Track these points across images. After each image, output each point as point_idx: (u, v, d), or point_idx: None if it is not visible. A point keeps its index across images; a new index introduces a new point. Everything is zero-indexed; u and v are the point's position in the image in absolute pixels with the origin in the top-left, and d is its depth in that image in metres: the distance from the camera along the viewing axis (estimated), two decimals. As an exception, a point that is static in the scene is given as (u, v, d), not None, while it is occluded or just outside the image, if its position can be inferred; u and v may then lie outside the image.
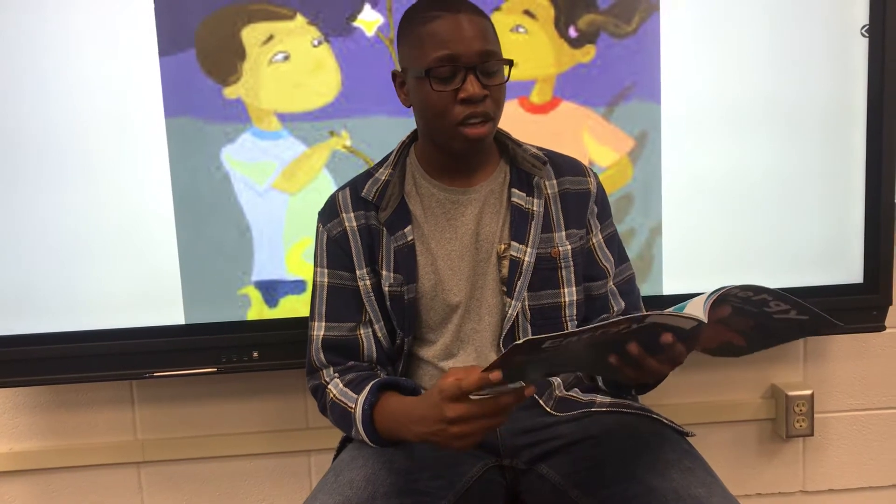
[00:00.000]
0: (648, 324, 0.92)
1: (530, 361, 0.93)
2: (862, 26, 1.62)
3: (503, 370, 0.90)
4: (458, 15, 1.11)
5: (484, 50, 1.12)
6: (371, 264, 1.23)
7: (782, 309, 0.95)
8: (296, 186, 1.59)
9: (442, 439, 0.98)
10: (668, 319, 0.92)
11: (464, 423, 0.96)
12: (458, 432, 0.96)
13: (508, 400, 0.94)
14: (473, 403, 0.95)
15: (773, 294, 0.92)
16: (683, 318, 0.91)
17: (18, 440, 1.76)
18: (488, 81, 1.13)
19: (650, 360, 0.97)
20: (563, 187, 1.27)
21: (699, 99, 1.62)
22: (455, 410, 0.95)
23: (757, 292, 0.93)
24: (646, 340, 0.95)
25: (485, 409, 0.95)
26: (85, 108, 1.54)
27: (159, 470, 1.79)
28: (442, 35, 1.11)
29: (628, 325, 0.91)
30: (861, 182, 1.66)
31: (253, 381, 1.75)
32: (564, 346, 0.90)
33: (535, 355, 0.90)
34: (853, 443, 1.90)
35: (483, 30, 1.13)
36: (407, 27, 1.17)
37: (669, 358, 0.98)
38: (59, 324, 1.59)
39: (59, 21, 1.51)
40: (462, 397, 0.95)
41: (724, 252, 1.67)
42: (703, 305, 0.90)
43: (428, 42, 1.12)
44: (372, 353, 1.24)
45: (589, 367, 1.17)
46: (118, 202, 1.57)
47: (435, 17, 1.12)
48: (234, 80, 1.55)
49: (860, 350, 1.86)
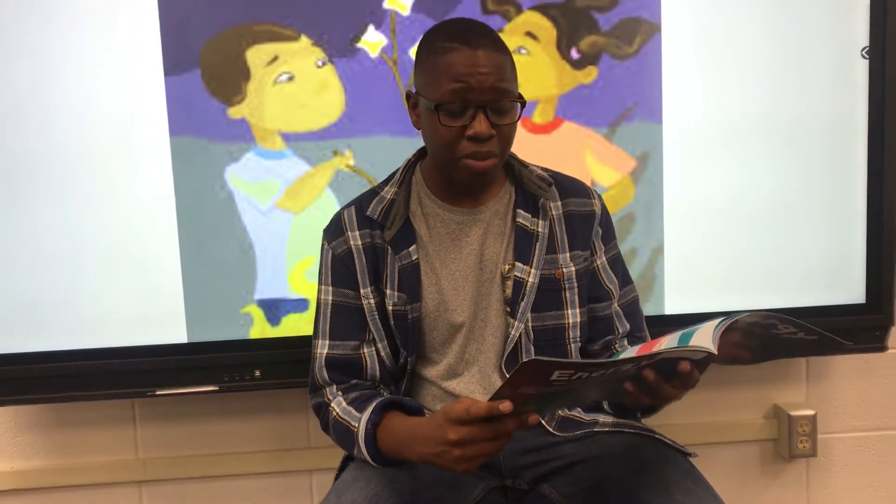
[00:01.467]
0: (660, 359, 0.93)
1: (540, 395, 0.93)
2: (862, 48, 1.63)
3: (514, 403, 0.91)
4: (475, 51, 1.09)
5: (497, 87, 1.10)
6: (375, 283, 1.23)
7: (791, 331, 0.96)
8: (299, 205, 1.60)
9: (444, 461, 0.99)
10: (679, 353, 0.93)
11: (466, 445, 0.96)
12: (461, 455, 0.96)
13: (512, 425, 0.95)
14: (476, 427, 0.95)
15: (781, 319, 0.92)
16: (693, 350, 0.92)
17: (20, 458, 1.76)
18: (498, 120, 1.12)
19: (665, 387, 0.98)
20: (568, 209, 1.27)
21: (701, 119, 1.63)
22: (458, 433, 0.96)
23: (765, 318, 0.93)
24: (660, 367, 0.96)
25: (487, 433, 0.95)
26: (90, 127, 1.55)
27: (161, 489, 1.78)
28: (456, 69, 1.09)
29: (638, 364, 0.93)
30: (863, 202, 1.67)
31: (255, 399, 1.74)
32: (575, 383, 0.91)
33: (544, 388, 0.91)
34: (857, 464, 1.89)
35: (499, 66, 1.11)
36: (423, 53, 1.16)
37: (683, 384, 0.99)
38: (61, 342, 1.59)
39: (65, 40, 1.53)
40: (467, 421, 0.95)
41: (726, 272, 1.67)
42: (712, 334, 0.91)
43: (442, 74, 1.11)
44: (375, 372, 1.24)
45: (602, 396, 1.18)
46: (122, 220, 1.57)
47: (451, 50, 1.10)
48: (238, 100, 1.56)
49: (863, 370, 1.85)
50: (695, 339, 0.92)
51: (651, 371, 0.96)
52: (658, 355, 0.92)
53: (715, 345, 0.90)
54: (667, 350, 0.91)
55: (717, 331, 0.91)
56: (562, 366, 0.87)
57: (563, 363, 0.87)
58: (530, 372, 0.87)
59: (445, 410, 0.98)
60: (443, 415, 0.98)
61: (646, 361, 0.93)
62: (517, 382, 0.89)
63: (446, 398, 1.23)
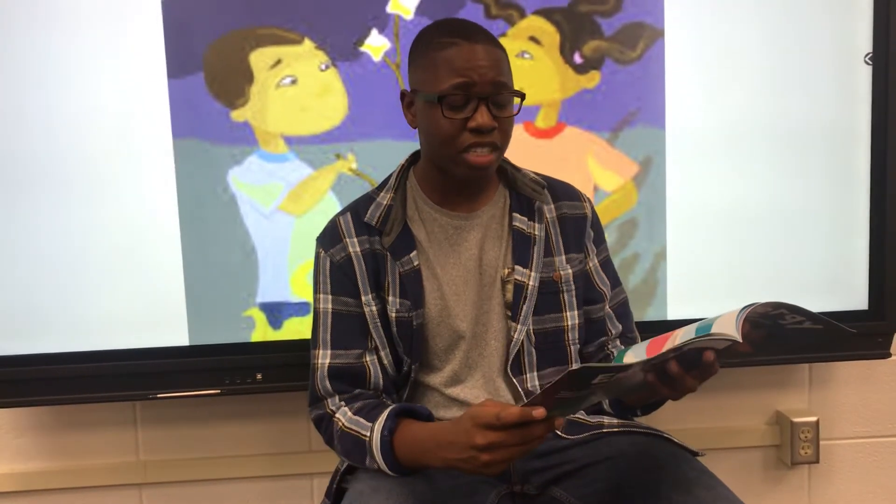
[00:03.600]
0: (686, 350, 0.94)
1: (574, 397, 0.94)
2: (865, 54, 1.63)
3: (547, 407, 0.91)
4: (475, 45, 1.12)
5: (498, 81, 1.12)
6: (376, 290, 1.22)
7: (797, 321, 0.96)
8: (302, 209, 1.60)
9: (472, 466, 0.99)
10: (705, 343, 0.94)
11: (494, 450, 0.96)
12: (489, 459, 0.97)
13: (540, 430, 0.95)
14: (505, 432, 0.95)
15: (789, 308, 0.93)
16: (718, 339, 0.92)
17: (21, 461, 1.76)
18: (499, 113, 1.13)
19: (687, 378, 0.99)
20: (562, 212, 1.28)
21: (703, 125, 1.63)
22: (486, 437, 0.96)
23: (776, 307, 0.94)
24: (680, 360, 0.97)
25: (516, 439, 0.95)
26: (93, 129, 1.55)
27: (161, 492, 1.78)
28: (458, 63, 1.11)
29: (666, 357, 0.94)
30: (866, 208, 1.67)
31: (256, 403, 1.74)
32: (615, 381, 0.92)
33: (579, 391, 0.91)
34: (859, 470, 1.88)
35: (498, 61, 1.13)
36: (421, 50, 1.17)
37: (703, 374, 1.00)
38: (62, 344, 1.59)
39: (68, 42, 1.53)
40: (496, 427, 0.95)
41: (728, 277, 1.67)
42: (734, 323, 0.92)
43: (443, 68, 1.12)
44: (378, 381, 1.22)
45: (614, 395, 1.18)
46: (125, 222, 1.57)
47: (452, 44, 1.12)
48: (241, 104, 1.56)
49: (866, 377, 1.85)
50: (716, 326, 0.93)
51: (675, 363, 0.97)
52: (685, 346, 0.93)
53: (739, 332, 0.90)
54: (695, 339, 0.92)
55: (740, 319, 0.92)
56: (607, 370, 0.88)
57: (608, 367, 0.88)
58: (576, 379, 0.88)
59: (473, 415, 0.98)
60: (470, 420, 0.98)
61: (673, 354, 0.95)
62: (560, 388, 0.89)
63: (450, 405, 1.22)
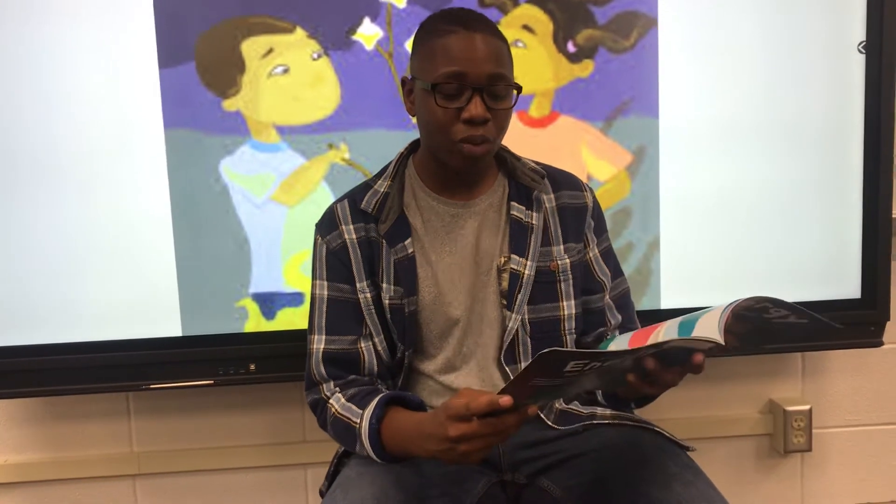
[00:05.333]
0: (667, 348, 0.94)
1: (545, 386, 0.93)
2: (859, 42, 1.63)
3: (515, 397, 0.91)
4: (473, 34, 1.11)
5: (494, 72, 1.11)
6: (371, 277, 1.23)
7: (781, 314, 0.96)
8: (294, 199, 1.59)
9: (450, 457, 0.99)
10: (686, 343, 0.93)
11: (468, 441, 0.96)
12: (465, 450, 0.97)
13: (512, 419, 0.95)
14: (476, 423, 0.95)
15: (772, 302, 0.93)
16: (701, 341, 0.92)
17: (14, 452, 1.75)
18: (494, 104, 1.12)
19: (665, 374, 0.98)
20: (561, 201, 1.27)
21: (697, 114, 1.63)
22: (458, 429, 0.96)
23: (759, 301, 0.94)
24: (661, 355, 0.96)
25: (487, 429, 0.95)
26: (84, 119, 1.54)
27: (155, 482, 1.78)
28: (454, 51, 1.10)
29: (646, 352, 0.93)
30: (859, 197, 1.67)
31: (250, 393, 1.74)
32: (584, 373, 0.91)
33: (553, 379, 0.91)
34: (851, 458, 1.90)
35: (496, 51, 1.12)
36: (422, 37, 1.17)
37: (684, 370, 0.99)
38: (55, 335, 1.58)
39: (59, 33, 1.52)
40: (466, 417, 0.95)
41: (721, 266, 1.67)
42: (717, 324, 0.91)
43: (439, 56, 1.11)
44: (373, 367, 1.23)
45: (602, 386, 1.18)
46: (116, 213, 1.57)
47: (450, 32, 1.11)
48: (233, 93, 1.56)
49: (858, 365, 1.86)
50: (699, 328, 0.92)
51: (652, 360, 0.96)
52: (667, 344, 0.92)
53: (722, 335, 0.90)
54: (676, 339, 0.91)
55: (722, 321, 0.91)
56: (577, 356, 0.87)
57: (579, 353, 0.87)
58: (546, 363, 0.87)
59: (446, 406, 0.98)
60: (444, 411, 0.98)
61: (654, 350, 0.93)
62: (531, 374, 0.89)
63: (444, 392, 1.23)
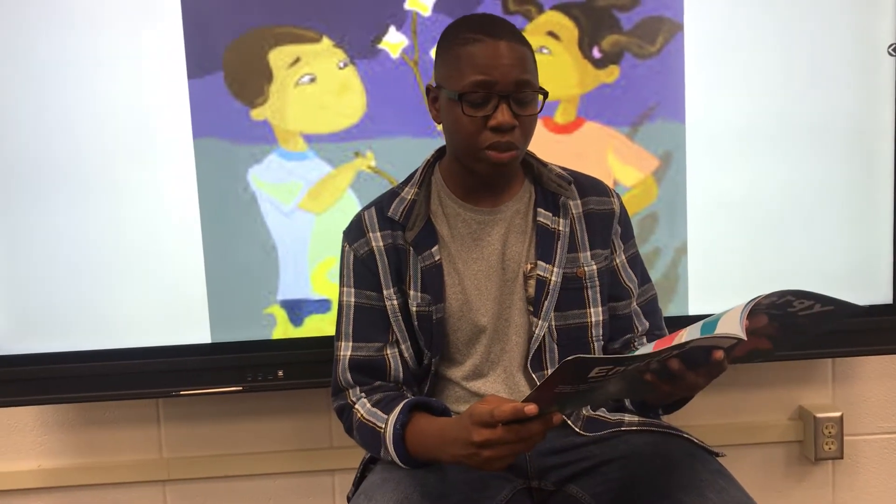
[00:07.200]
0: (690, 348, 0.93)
1: (570, 393, 0.93)
2: (889, 45, 1.61)
3: (539, 404, 0.91)
4: (498, 41, 1.11)
5: (520, 79, 1.11)
6: (398, 284, 1.23)
7: (806, 305, 0.95)
8: (321, 206, 1.60)
9: (475, 462, 0.99)
10: (709, 342, 0.93)
11: (492, 447, 0.96)
12: (490, 456, 0.97)
13: (537, 428, 0.95)
14: (501, 429, 0.95)
15: (795, 294, 0.92)
16: (723, 338, 0.91)
17: (46, 457, 1.78)
18: (520, 111, 1.12)
19: (689, 375, 0.97)
20: (588, 207, 1.27)
21: (724, 118, 1.62)
22: (482, 435, 0.96)
23: (781, 296, 0.93)
24: (686, 357, 0.96)
25: (512, 436, 0.95)
26: (114, 129, 1.56)
27: (184, 488, 1.79)
28: (480, 60, 1.10)
29: (669, 353, 0.93)
30: (889, 201, 1.65)
31: (278, 399, 1.75)
32: (609, 379, 0.91)
33: (577, 385, 0.90)
34: (884, 466, 1.87)
35: (522, 58, 1.12)
36: (446, 45, 1.17)
37: (710, 372, 0.98)
38: (86, 342, 1.60)
39: (89, 43, 1.54)
40: (491, 424, 0.95)
41: (750, 272, 1.66)
42: (738, 320, 0.90)
43: (465, 65, 1.11)
44: (399, 374, 1.23)
45: (628, 392, 1.17)
46: (146, 222, 1.59)
47: (475, 41, 1.11)
48: (261, 102, 1.57)
49: (890, 372, 1.83)
50: (721, 326, 0.91)
51: (676, 360, 0.95)
52: (689, 344, 0.91)
53: (742, 330, 0.89)
54: (699, 339, 0.91)
55: (743, 316, 0.91)
56: (601, 362, 0.87)
57: (603, 359, 0.87)
58: (570, 371, 0.87)
59: (471, 412, 0.98)
60: (469, 417, 0.98)
61: (677, 350, 0.93)
62: (555, 382, 0.89)
63: (470, 399, 1.23)
